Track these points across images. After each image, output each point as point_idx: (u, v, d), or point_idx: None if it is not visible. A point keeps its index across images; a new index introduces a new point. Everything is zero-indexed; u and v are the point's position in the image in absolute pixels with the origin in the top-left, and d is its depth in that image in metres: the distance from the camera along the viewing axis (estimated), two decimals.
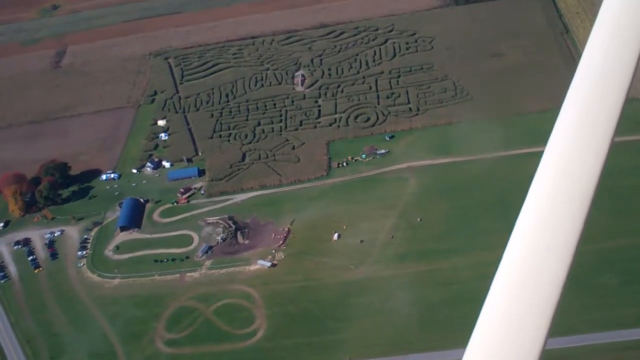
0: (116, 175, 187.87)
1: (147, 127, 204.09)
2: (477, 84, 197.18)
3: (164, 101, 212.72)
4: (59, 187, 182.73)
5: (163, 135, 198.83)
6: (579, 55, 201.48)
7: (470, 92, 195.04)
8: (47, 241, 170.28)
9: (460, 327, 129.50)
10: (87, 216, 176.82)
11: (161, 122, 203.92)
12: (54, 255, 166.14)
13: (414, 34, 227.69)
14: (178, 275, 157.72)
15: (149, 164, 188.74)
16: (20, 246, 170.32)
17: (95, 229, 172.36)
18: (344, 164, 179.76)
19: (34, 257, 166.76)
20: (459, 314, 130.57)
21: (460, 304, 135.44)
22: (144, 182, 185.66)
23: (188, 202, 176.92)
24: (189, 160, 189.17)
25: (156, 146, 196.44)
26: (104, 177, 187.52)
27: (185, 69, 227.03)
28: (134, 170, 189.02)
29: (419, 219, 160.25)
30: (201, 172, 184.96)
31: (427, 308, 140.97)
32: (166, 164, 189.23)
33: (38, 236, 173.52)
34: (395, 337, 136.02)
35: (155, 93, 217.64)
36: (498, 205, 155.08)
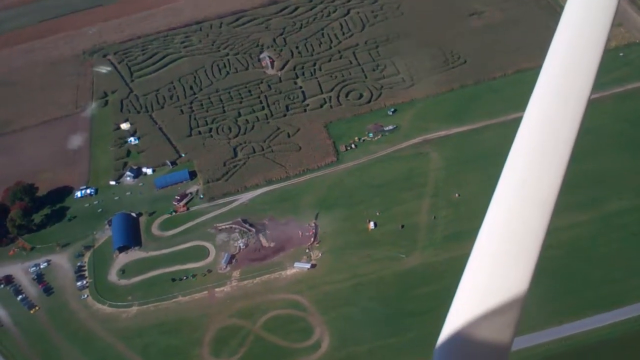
0: (92, 190, 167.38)
1: (109, 133, 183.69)
2: (465, 46, 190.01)
3: (120, 102, 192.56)
4: (30, 213, 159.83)
5: (132, 140, 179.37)
6: (559, 6, 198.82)
7: (462, 55, 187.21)
8: (34, 275, 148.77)
9: (545, 300, 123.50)
10: (73, 240, 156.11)
11: (125, 126, 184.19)
12: (47, 290, 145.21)
13: (376, 1, 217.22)
14: (206, 292, 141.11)
15: (128, 172, 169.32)
16: (2, 285, 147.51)
17: (88, 254, 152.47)
18: (352, 145, 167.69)
19: (24, 295, 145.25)
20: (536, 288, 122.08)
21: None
22: (127, 193, 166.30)
23: (188, 209, 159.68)
24: (173, 163, 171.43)
25: (128, 152, 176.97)
26: (78, 194, 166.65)
27: (132, 64, 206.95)
28: (112, 182, 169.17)
29: (456, 195, 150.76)
30: (192, 175, 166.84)
31: None
32: (147, 171, 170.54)
33: (21, 271, 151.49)
34: None
35: (106, 95, 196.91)
36: None
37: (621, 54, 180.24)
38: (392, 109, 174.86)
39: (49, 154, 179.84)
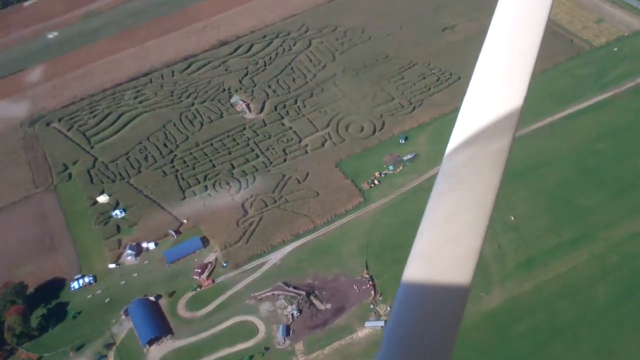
0: (90, 278, 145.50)
1: (85, 210, 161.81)
2: (452, 62, 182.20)
3: (87, 173, 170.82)
4: (27, 317, 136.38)
5: (118, 213, 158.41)
6: None
7: (452, 72, 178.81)
8: None
9: None
10: (87, 341, 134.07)
11: (102, 198, 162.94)
12: None
13: (336, 28, 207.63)
14: None
15: (128, 251, 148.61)
16: None
17: (111, 353, 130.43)
18: (375, 182, 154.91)
19: None
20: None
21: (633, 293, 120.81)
22: (134, 275, 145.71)
23: (213, 281, 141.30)
24: (177, 232, 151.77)
25: (118, 228, 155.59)
26: (74, 285, 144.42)
27: (84, 129, 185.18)
28: (112, 265, 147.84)
29: (512, 217, 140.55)
30: (204, 242, 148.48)
31: (601, 310, 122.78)
32: (149, 246, 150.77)
33: None
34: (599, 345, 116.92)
35: (66, 167, 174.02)
36: (578, 174, 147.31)
37: (615, 49, 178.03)
38: (404, 137, 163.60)
39: (21, 244, 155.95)
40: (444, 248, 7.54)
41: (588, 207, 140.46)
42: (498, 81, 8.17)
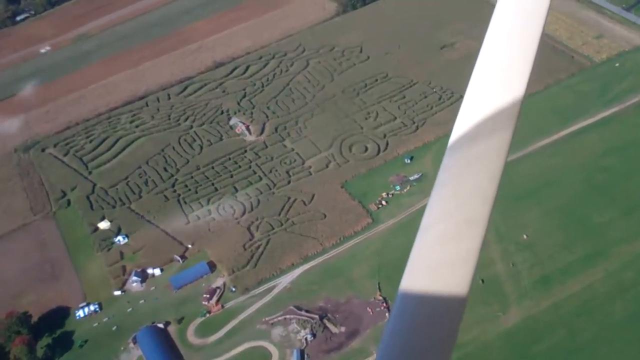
0: (95, 306, 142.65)
1: (86, 236, 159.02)
2: (453, 81, 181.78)
3: (86, 199, 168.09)
4: (33, 347, 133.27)
5: (120, 239, 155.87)
6: None
7: (454, 90, 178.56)
8: None
9: None
10: None
11: (104, 225, 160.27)
12: None
13: (333, 48, 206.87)
14: None
15: (134, 277, 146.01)
16: None
17: None
18: (382, 202, 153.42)
19: None
20: None
21: None
22: (141, 302, 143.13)
23: (223, 307, 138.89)
24: (182, 257, 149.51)
25: (122, 254, 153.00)
26: (80, 313, 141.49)
27: (81, 154, 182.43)
28: (117, 292, 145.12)
29: (524, 236, 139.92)
30: (210, 266, 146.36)
31: (620, 328, 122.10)
32: (154, 272, 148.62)
33: None
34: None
35: (64, 194, 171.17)
36: (588, 191, 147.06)
37: (617, 64, 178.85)
38: (409, 157, 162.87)
39: (23, 273, 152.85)
40: (445, 245, 7.49)
41: (600, 224, 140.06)
42: (499, 74, 8.18)
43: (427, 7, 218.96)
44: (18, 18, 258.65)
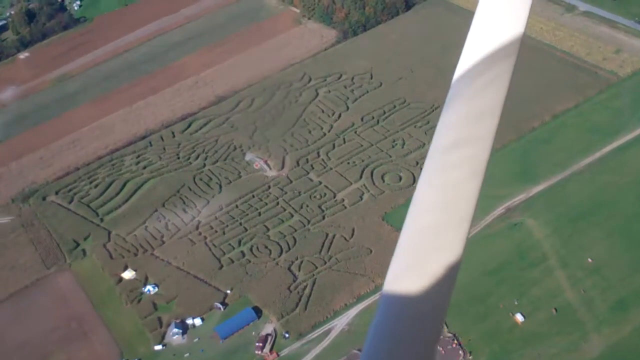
0: None
1: (111, 289, 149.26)
2: None
3: (103, 248, 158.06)
4: None
5: (150, 289, 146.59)
6: (545, 44, 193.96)
7: None
8: None
9: None
10: None
11: (128, 274, 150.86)
12: None
13: (341, 76, 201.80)
14: None
15: (174, 329, 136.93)
16: None
17: None
18: None
19: None
20: None
21: None
22: (185, 355, 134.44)
23: (278, 355, 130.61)
24: (223, 304, 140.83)
25: (154, 305, 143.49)
26: None
27: (88, 201, 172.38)
28: (157, 347, 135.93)
29: (589, 260, 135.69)
30: (257, 311, 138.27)
31: None
32: (195, 322, 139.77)
33: None
34: None
35: (77, 244, 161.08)
36: None
37: None
38: None
39: (47, 332, 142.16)
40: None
41: None
42: (500, 11, 7.94)
43: (431, 31, 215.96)
44: None
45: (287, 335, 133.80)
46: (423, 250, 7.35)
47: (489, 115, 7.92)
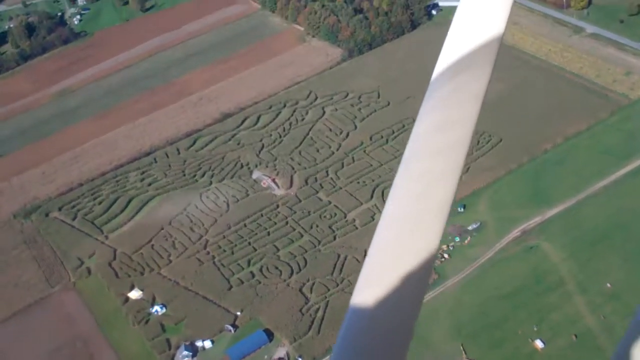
0: None
1: (117, 309, 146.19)
2: (487, 124, 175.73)
3: (108, 266, 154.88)
4: None
5: (158, 309, 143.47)
6: (555, 66, 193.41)
7: (491, 134, 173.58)
8: None
9: None
10: None
11: (135, 294, 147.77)
12: None
13: (347, 95, 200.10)
14: None
15: (184, 352, 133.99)
16: None
17: None
18: (444, 256, 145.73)
19: None
20: None
21: None
22: None
23: None
24: (234, 326, 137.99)
25: (162, 327, 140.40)
26: None
27: (92, 218, 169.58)
28: None
29: (608, 285, 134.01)
30: (268, 334, 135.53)
31: None
32: (205, 344, 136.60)
33: None
34: None
35: (82, 262, 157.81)
36: None
37: None
38: (461, 205, 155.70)
39: (51, 353, 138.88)
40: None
41: None
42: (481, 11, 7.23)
43: (437, 51, 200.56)
44: None
45: (300, 359, 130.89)
46: (397, 244, 6.48)
47: (469, 105, 6.96)
